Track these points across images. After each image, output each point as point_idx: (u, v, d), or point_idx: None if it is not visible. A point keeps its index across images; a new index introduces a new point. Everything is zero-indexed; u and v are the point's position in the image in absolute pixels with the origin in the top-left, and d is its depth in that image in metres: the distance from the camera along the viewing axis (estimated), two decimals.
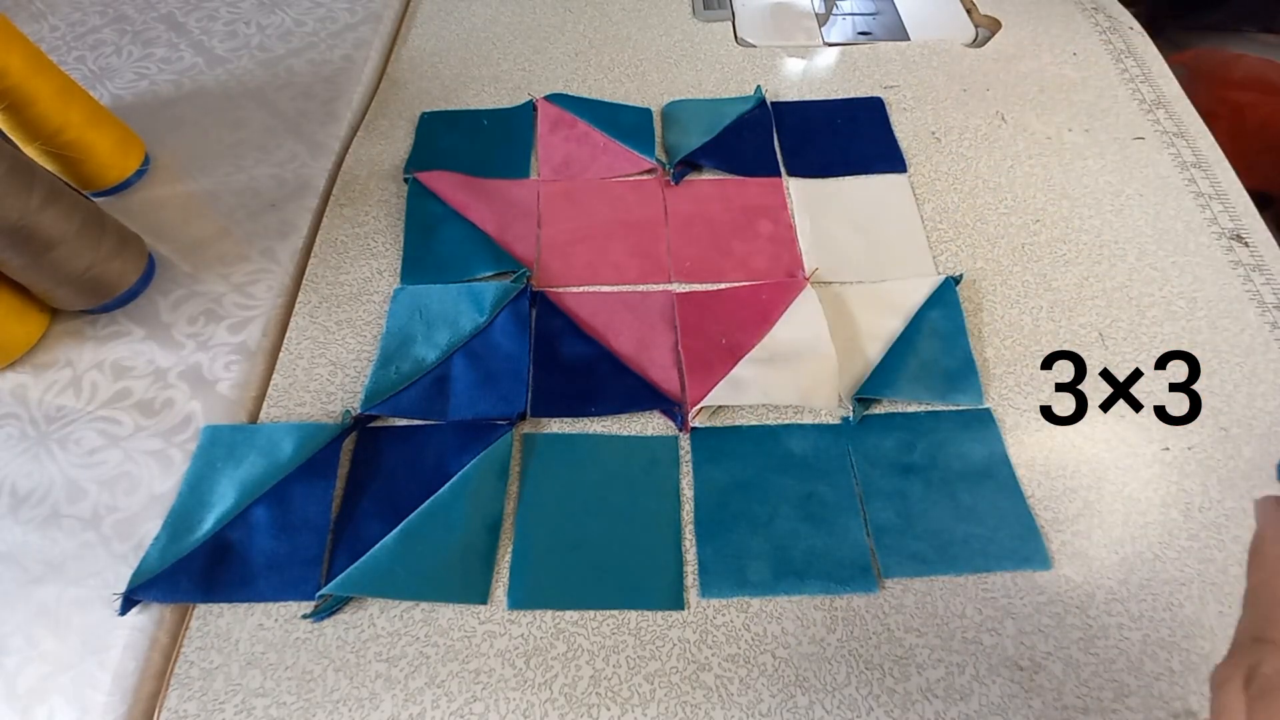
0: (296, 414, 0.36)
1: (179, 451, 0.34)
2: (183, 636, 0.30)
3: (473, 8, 0.56)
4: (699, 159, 0.45)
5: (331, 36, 0.53)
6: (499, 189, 0.44)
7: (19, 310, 0.37)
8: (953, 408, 0.35)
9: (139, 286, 0.39)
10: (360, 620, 0.30)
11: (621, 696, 0.28)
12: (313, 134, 0.47)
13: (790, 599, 0.31)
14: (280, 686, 0.29)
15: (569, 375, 0.36)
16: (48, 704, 0.28)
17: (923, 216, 0.43)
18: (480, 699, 0.28)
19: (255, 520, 0.32)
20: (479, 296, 0.39)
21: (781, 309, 0.38)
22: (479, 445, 0.34)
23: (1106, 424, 0.35)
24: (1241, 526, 0.32)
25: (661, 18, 0.56)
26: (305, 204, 0.44)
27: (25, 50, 0.38)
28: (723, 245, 0.42)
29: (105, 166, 0.43)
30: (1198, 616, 0.30)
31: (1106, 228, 0.42)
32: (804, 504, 0.33)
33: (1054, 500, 0.33)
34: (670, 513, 0.33)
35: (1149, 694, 0.28)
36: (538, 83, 0.51)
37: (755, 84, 0.50)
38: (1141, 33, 0.53)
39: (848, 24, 0.56)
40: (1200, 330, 0.38)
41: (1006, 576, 0.31)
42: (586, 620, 0.30)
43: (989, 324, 0.38)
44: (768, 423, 0.35)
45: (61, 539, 0.32)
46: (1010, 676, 0.29)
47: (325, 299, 0.40)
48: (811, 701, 0.28)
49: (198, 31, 0.54)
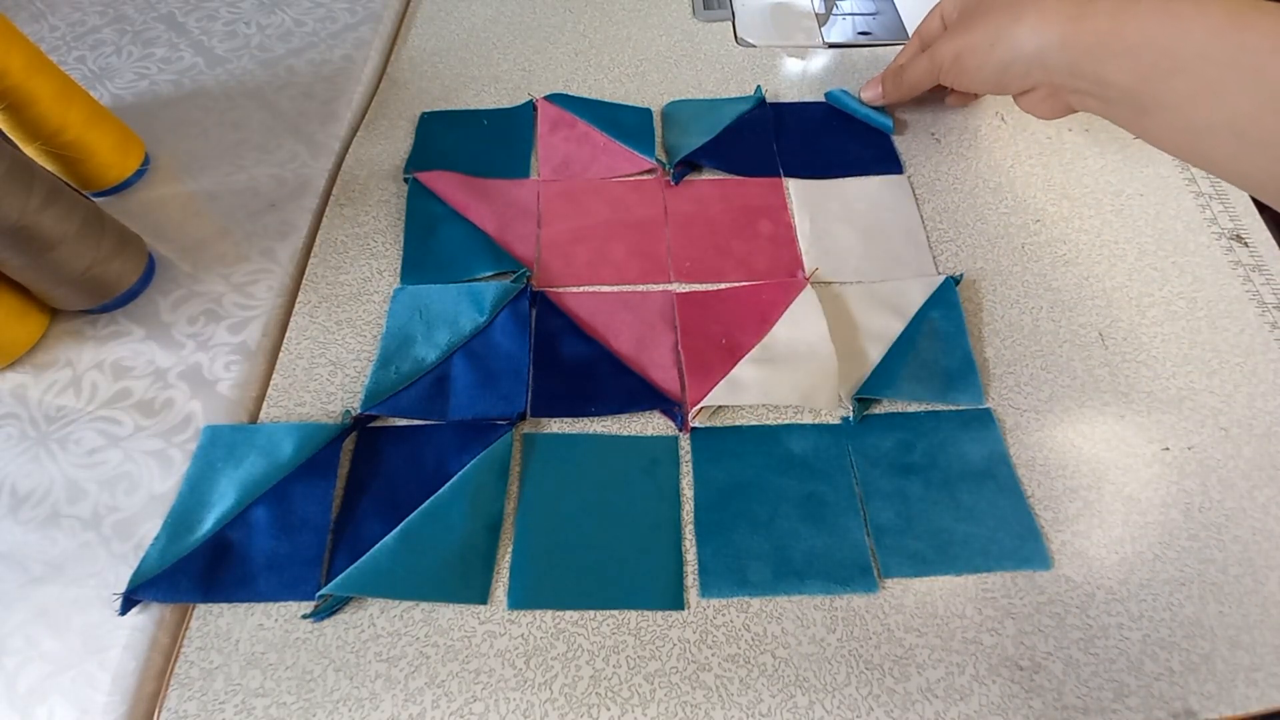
0: (296, 414, 0.36)
1: (179, 451, 0.34)
2: (183, 636, 0.30)
3: (473, 8, 0.56)
4: (699, 159, 0.45)
5: (331, 36, 0.53)
6: (499, 189, 0.44)
7: (19, 310, 0.37)
8: (953, 408, 0.35)
9: (139, 286, 0.39)
10: (360, 620, 0.30)
11: (621, 696, 0.28)
12: (313, 134, 0.47)
13: (790, 599, 0.31)
14: (280, 686, 0.29)
15: (569, 375, 0.36)
16: (48, 704, 0.28)
17: (923, 216, 0.43)
18: (480, 699, 0.28)
19: (255, 520, 0.32)
20: (479, 296, 0.39)
21: (781, 309, 0.38)
22: (479, 445, 0.34)
23: (1106, 424, 0.35)
24: (1241, 526, 0.32)
25: (661, 18, 0.56)
26: (305, 204, 0.44)
27: (25, 50, 0.38)
28: (723, 245, 0.42)
29: (105, 166, 0.43)
30: (1198, 616, 0.30)
31: (1106, 228, 0.42)
32: (804, 504, 0.33)
33: (1054, 500, 0.33)
34: (670, 513, 0.33)
35: (1149, 694, 0.28)
36: (538, 83, 0.51)
37: (755, 84, 0.50)
38: None
39: (848, 24, 0.56)
40: (1200, 330, 0.38)
41: (1006, 576, 0.31)
42: (586, 620, 0.30)
43: (989, 324, 0.38)
44: (768, 423, 0.35)
45: (61, 539, 0.32)
46: (1010, 676, 0.29)
47: (325, 299, 0.40)
48: (811, 701, 0.28)
49: (198, 31, 0.54)
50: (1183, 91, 0.29)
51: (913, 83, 0.43)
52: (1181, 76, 0.29)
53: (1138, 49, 0.30)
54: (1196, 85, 0.28)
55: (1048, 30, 0.32)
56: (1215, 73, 0.28)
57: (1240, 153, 0.28)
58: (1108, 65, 0.31)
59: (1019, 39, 0.33)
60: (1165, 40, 0.29)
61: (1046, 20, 0.32)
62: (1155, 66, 0.29)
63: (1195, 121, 0.29)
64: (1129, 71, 0.30)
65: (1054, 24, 0.32)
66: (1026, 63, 0.34)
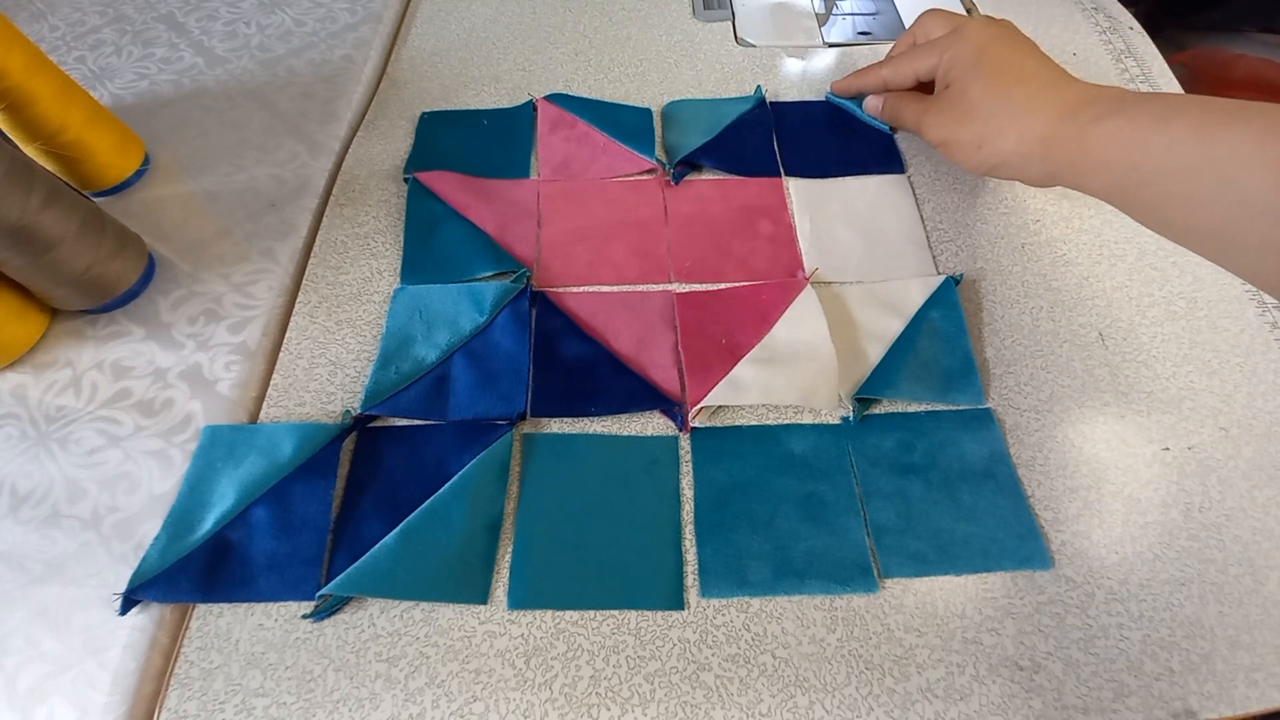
0: (296, 414, 0.36)
1: (179, 451, 0.34)
2: (183, 636, 0.30)
3: (473, 8, 0.56)
4: (699, 159, 0.45)
5: (331, 36, 0.53)
6: (499, 189, 0.44)
7: (19, 310, 0.37)
8: (953, 408, 0.35)
9: (139, 286, 0.39)
10: (360, 620, 0.30)
11: (621, 696, 0.28)
12: (313, 134, 0.47)
13: (790, 599, 0.31)
14: (280, 686, 0.29)
15: (569, 375, 0.36)
16: (48, 704, 0.28)
17: (923, 216, 0.43)
18: (480, 699, 0.28)
19: (255, 520, 0.32)
20: (479, 296, 0.39)
21: (781, 309, 0.38)
22: (479, 445, 0.34)
23: (1106, 424, 0.35)
24: (1241, 527, 0.32)
25: (661, 18, 0.56)
26: (305, 204, 0.44)
27: (25, 50, 0.38)
28: (723, 245, 0.42)
29: (105, 166, 0.43)
30: (1198, 616, 0.30)
31: (1106, 228, 0.42)
32: (804, 504, 0.33)
33: (1054, 500, 0.33)
34: (670, 513, 0.33)
35: (1149, 694, 0.28)
36: (538, 83, 0.51)
37: (755, 84, 0.50)
38: (1141, 33, 0.53)
39: (848, 24, 0.56)
40: (1200, 330, 0.38)
41: (1006, 576, 0.31)
42: (586, 620, 0.30)
43: (989, 324, 0.38)
44: (768, 423, 0.35)
45: (61, 539, 0.32)
46: (1010, 676, 0.29)
47: (325, 299, 0.40)
48: (811, 701, 0.28)
49: (198, 31, 0.54)
50: (1155, 201, 0.30)
51: (900, 124, 0.44)
52: (1152, 188, 0.30)
53: (1108, 166, 0.31)
54: (1167, 196, 0.29)
55: (1027, 145, 0.34)
56: (1183, 186, 0.28)
57: (1223, 252, 0.29)
58: (1084, 178, 0.33)
59: (1004, 149, 0.35)
60: (1132, 158, 0.30)
61: (1025, 136, 0.34)
62: (1125, 181, 0.31)
63: (1174, 223, 0.30)
64: (1105, 183, 0.32)
65: (1031, 141, 0.34)
66: (1013, 167, 0.36)
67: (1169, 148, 0.29)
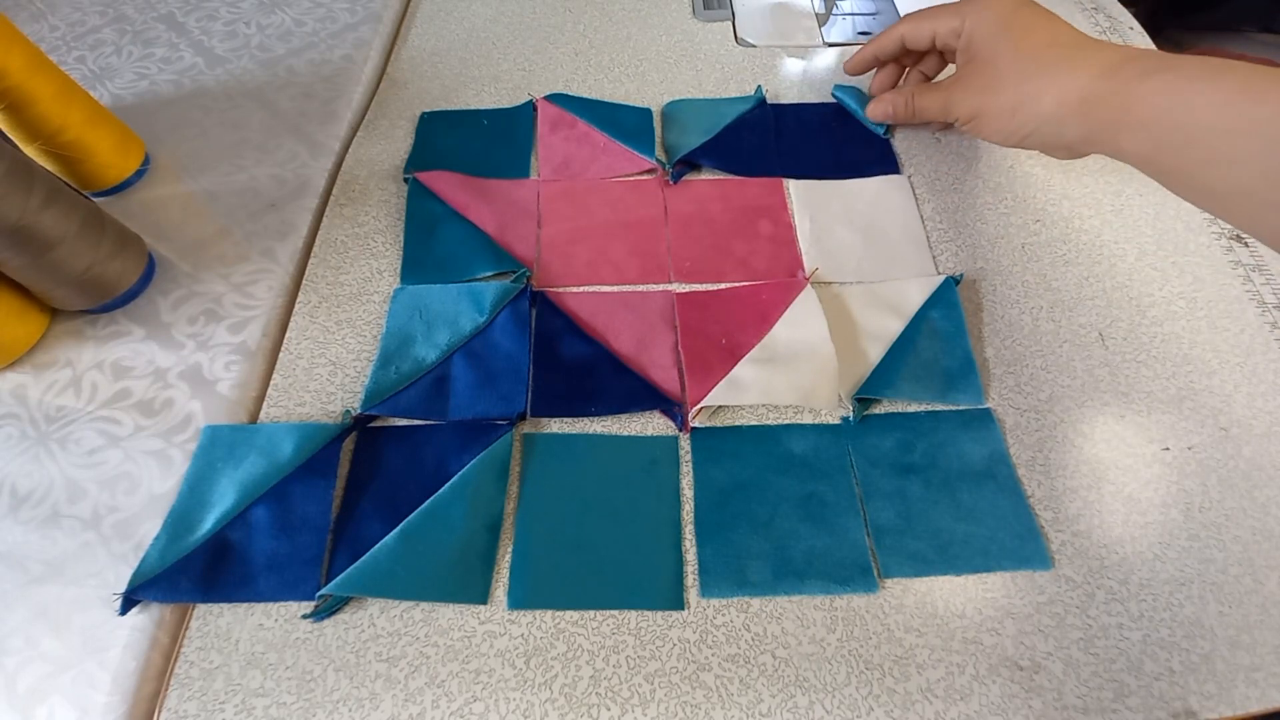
0: (296, 414, 0.36)
1: (179, 451, 0.34)
2: (183, 636, 0.30)
3: (473, 8, 0.56)
4: (699, 159, 0.45)
5: (331, 36, 0.53)
6: (499, 189, 0.44)
7: (19, 310, 0.37)
8: (953, 408, 0.35)
9: (139, 286, 0.39)
10: (360, 620, 0.30)
11: (621, 696, 0.28)
12: (313, 134, 0.47)
13: (790, 599, 0.31)
14: (280, 686, 0.29)
15: (569, 375, 0.36)
16: (48, 704, 0.28)
17: (923, 216, 0.43)
18: (480, 699, 0.28)
19: (255, 520, 0.32)
20: (479, 296, 0.39)
21: (781, 309, 0.38)
22: (479, 445, 0.34)
23: (1106, 424, 0.35)
24: (1241, 527, 0.32)
25: (661, 18, 0.56)
26: (305, 204, 0.44)
27: (25, 50, 0.38)
28: (723, 245, 0.42)
29: (105, 166, 0.43)
30: (1198, 616, 0.30)
31: (1106, 228, 0.42)
32: (804, 504, 0.33)
33: (1054, 500, 0.33)
34: (670, 513, 0.33)
35: (1149, 694, 0.28)
36: (538, 83, 0.51)
37: (755, 84, 0.50)
38: (1141, 33, 0.53)
39: (848, 24, 0.56)
40: (1200, 330, 0.38)
41: (1006, 576, 0.31)
42: (586, 620, 0.30)
43: (989, 324, 0.38)
44: (768, 423, 0.35)
45: (61, 539, 0.32)
46: (1010, 676, 0.29)
47: (325, 299, 0.40)
48: (811, 701, 0.28)
49: (198, 31, 0.54)
50: (1196, 161, 0.30)
51: (923, 115, 0.43)
52: (1193, 149, 0.29)
53: (1149, 124, 0.30)
54: (1209, 156, 0.29)
55: (1066, 106, 0.33)
56: (1227, 144, 0.28)
57: (1257, 214, 0.29)
58: (1122, 137, 0.32)
59: (1041, 112, 0.34)
60: (1176, 116, 0.29)
61: (1065, 97, 0.33)
62: (1167, 140, 0.30)
63: (1212, 186, 0.30)
64: (1143, 143, 0.31)
65: (1072, 101, 0.33)
66: (1047, 133, 0.35)
67: (1216, 107, 0.28)
